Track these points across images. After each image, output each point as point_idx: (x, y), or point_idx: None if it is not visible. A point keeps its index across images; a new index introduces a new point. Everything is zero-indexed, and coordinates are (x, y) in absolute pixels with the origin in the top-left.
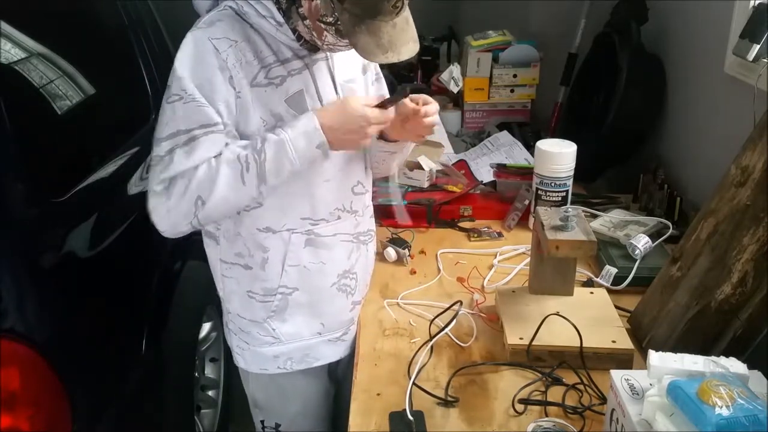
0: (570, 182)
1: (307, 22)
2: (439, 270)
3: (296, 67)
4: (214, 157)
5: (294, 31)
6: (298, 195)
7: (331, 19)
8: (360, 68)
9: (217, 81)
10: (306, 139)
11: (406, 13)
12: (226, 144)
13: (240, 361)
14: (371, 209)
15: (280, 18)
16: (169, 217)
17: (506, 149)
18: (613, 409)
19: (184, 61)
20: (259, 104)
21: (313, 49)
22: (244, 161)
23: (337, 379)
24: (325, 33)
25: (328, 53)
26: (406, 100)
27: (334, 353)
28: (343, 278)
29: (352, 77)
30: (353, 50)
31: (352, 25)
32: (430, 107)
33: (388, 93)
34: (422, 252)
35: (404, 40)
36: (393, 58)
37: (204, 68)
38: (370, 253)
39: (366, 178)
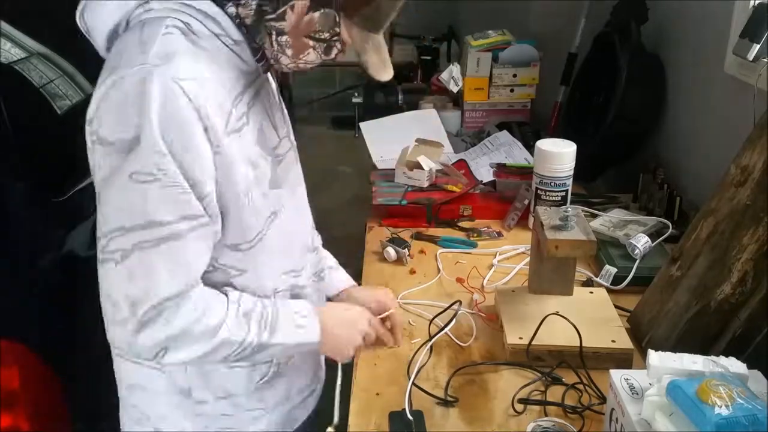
0: (570, 182)
1: (284, 38)
2: (438, 270)
3: (251, 96)
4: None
5: (257, 49)
6: (278, 250)
7: (326, 35)
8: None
9: (201, 148)
10: (307, 336)
11: None
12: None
13: None
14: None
15: (237, 35)
16: (131, 350)
17: (506, 149)
18: (612, 409)
19: (156, 125)
20: (240, 155)
21: (264, 68)
22: (246, 348)
23: None
24: (309, 50)
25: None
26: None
27: (309, 408)
28: None
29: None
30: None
31: (362, 41)
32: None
33: None
34: (422, 252)
35: (387, 56)
36: (388, 75)
37: (183, 132)
38: (322, 291)
39: None
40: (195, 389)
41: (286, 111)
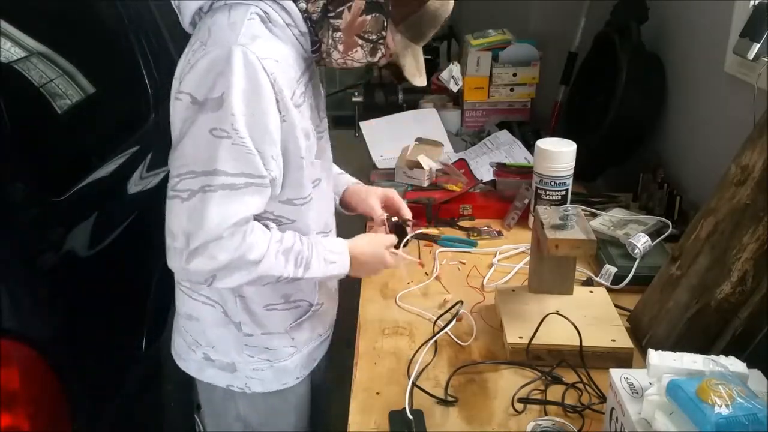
0: (570, 181)
1: (338, 34)
2: (439, 269)
3: (308, 78)
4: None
5: (315, 42)
6: (317, 211)
7: (374, 37)
8: None
9: (271, 122)
10: (338, 270)
11: None
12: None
13: (257, 385)
14: None
15: (304, 27)
16: (184, 275)
17: (506, 148)
18: (612, 408)
19: (237, 92)
20: (300, 125)
21: (317, 59)
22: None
23: (313, 384)
24: (357, 48)
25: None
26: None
27: (323, 351)
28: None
29: None
30: (354, 67)
31: (403, 47)
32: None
33: None
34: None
35: (423, 65)
36: (421, 82)
37: (259, 105)
38: None
39: None
40: (244, 324)
41: (324, 95)
